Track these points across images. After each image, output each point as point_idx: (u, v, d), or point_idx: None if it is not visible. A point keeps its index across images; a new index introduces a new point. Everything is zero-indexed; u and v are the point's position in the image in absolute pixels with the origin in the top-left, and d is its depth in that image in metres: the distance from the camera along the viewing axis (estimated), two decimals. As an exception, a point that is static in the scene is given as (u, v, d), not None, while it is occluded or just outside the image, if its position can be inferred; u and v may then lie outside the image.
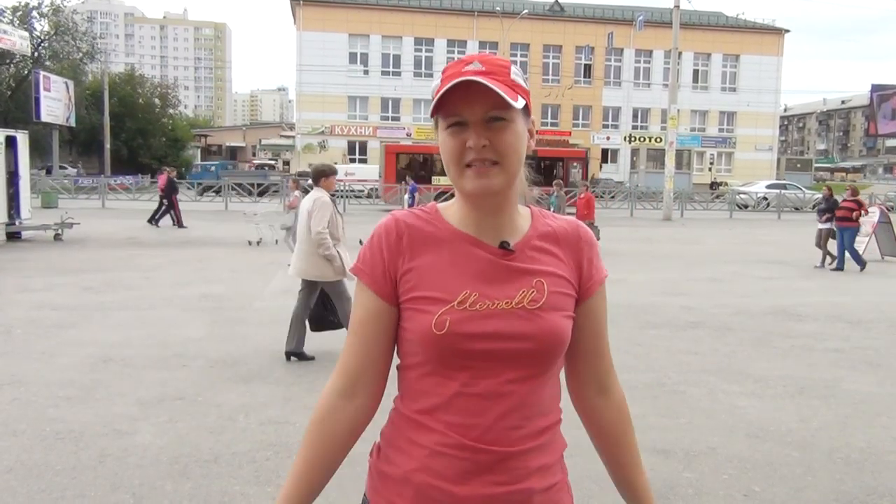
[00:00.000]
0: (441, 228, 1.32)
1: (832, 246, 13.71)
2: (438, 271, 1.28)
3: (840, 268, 13.34)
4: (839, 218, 13.52)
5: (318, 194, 6.30)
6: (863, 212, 13.59)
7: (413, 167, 30.33)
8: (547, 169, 30.60)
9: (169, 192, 19.73)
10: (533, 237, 1.34)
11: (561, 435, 1.38)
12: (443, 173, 30.87)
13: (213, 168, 40.96)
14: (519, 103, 1.23)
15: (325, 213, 6.12)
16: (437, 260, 1.29)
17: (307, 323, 6.38)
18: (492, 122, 1.24)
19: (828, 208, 13.98)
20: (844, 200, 13.68)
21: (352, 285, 1.39)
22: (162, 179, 20.28)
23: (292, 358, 6.30)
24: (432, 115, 1.29)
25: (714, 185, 49.24)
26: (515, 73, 1.28)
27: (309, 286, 6.36)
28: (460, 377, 1.25)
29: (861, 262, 13.41)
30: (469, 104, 1.23)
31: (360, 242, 1.59)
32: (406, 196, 21.74)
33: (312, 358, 6.32)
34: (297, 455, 1.33)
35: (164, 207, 19.83)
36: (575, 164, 31.92)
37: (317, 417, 1.32)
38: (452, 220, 1.33)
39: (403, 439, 1.30)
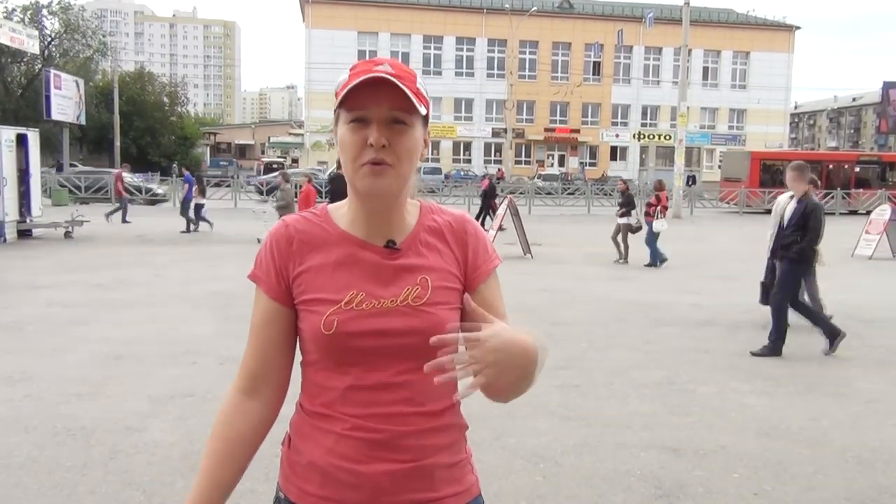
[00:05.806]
0: (330, 231, 1.36)
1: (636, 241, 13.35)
2: (327, 273, 1.33)
3: (653, 263, 12.91)
4: (646, 213, 13.23)
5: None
6: (660, 207, 13.12)
7: (773, 173, 31.97)
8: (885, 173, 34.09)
9: (490, 196, 19.48)
10: (419, 233, 1.38)
11: (461, 416, 1.41)
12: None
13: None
14: (422, 110, 1.29)
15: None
16: (325, 262, 1.34)
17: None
18: (393, 124, 1.28)
19: (624, 203, 13.69)
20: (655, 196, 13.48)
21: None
22: (485, 184, 20.29)
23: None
24: (336, 110, 1.32)
25: None
26: (421, 84, 1.32)
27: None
28: (353, 371, 1.31)
29: (656, 260, 12.97)
30: (376, 101, 1.27)
31: (258, 241, 1.59)
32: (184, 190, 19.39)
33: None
34: (203, 454, 1.36)
35: (484, 212, 19.48)
36: None
37: (222, 416, 1.38)
38: (342, 221, 1.37)
39: (310, 429, 1.35)
